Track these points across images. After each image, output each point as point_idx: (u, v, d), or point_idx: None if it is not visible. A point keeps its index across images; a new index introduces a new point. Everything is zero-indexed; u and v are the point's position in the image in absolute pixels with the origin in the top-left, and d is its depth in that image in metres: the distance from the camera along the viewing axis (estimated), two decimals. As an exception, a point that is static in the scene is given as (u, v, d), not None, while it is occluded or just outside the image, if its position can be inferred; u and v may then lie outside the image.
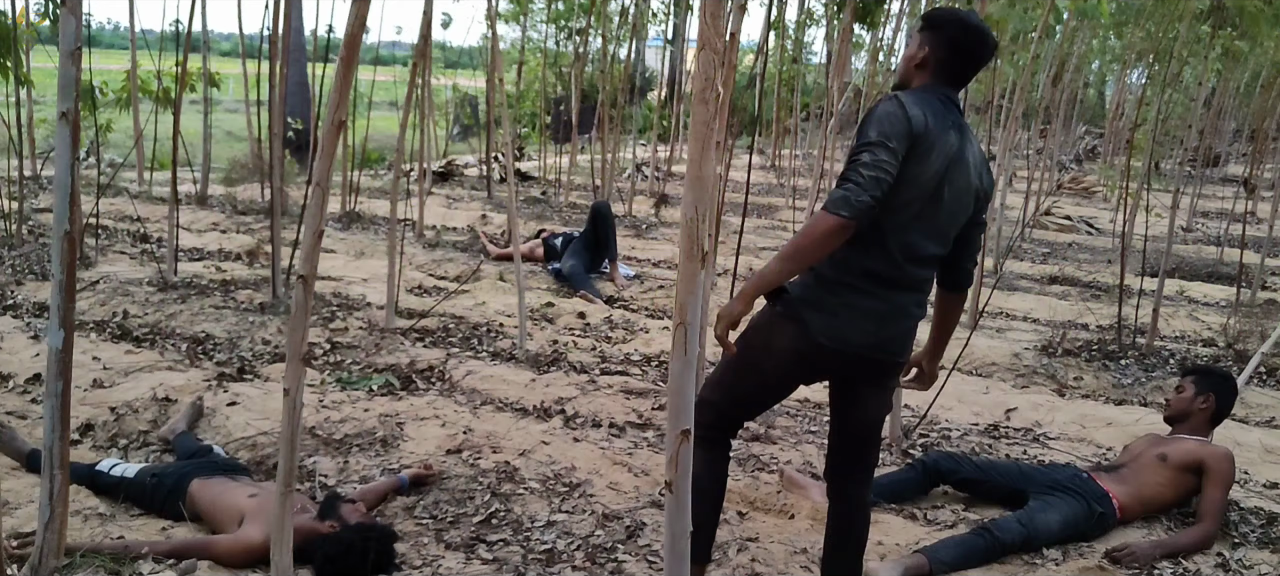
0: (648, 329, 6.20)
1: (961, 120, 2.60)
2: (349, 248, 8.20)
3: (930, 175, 2.51)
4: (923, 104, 2.52)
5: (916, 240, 2.56)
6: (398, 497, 3.80)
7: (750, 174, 5.94)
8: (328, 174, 2.02)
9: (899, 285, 2.59)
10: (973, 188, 2.61)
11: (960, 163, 2.56)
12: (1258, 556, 3.59)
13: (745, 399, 2.88)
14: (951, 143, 2.53)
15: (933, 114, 2.51)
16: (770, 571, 3.35)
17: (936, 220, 2.57)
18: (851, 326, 2.60)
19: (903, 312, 2.64)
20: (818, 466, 4.23)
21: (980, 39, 2.60)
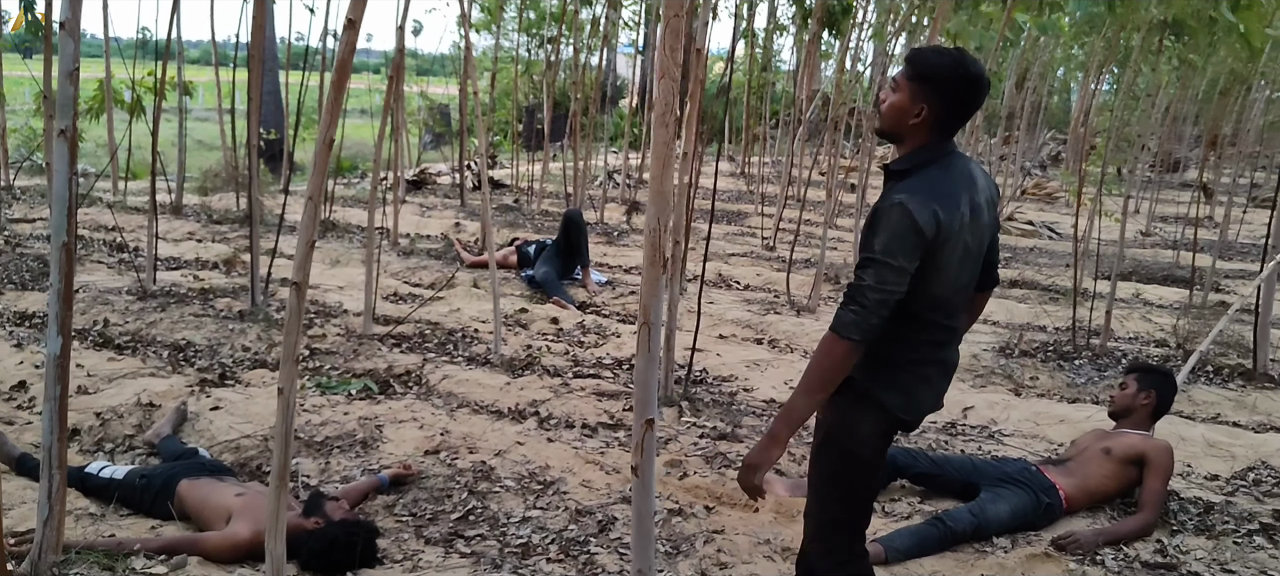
0: (619, 333, 6.37)
1: (962, 166, 2.52)
2: (324, 256, 8.32)
3: (957, 258, 2.47)
4: (930, 195, 2.40)
5: (956, 303, 2.57)
6: (378, 496, 3.95)
7: (717, 181, 6.11)
8: (320, 189, 2.17)
9: (952, 343, 2.64)
10: (990, 221, 2.58)
11: (975, 221, 2.50)
12: (1194, 542, 3.81)
13: (864, 499, 2.72)
14: (963, 214, 2.45)
15: (943, 199, 2.41)
16: (735, 561, 3.53)
17: (965, 275, 2.54)
18: (926, 397, 2.62)
19: (954, 366, 2.68)
20: (783, 464, 4.42)
21: (978, 88, 2.47)
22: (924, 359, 2.57)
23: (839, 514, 2.67)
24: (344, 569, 3.34)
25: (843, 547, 2.69)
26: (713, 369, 5.79)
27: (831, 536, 2.68)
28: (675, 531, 3.73)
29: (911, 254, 2.37)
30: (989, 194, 2.58)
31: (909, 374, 2.55)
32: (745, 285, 8.31)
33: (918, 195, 2.37)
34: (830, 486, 2.64)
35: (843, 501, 2.66)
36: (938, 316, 2.54)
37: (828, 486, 2.64)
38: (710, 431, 4.70)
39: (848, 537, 2.70)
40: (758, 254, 9.69)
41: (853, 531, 2.71)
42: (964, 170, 2.51)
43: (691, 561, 3.52)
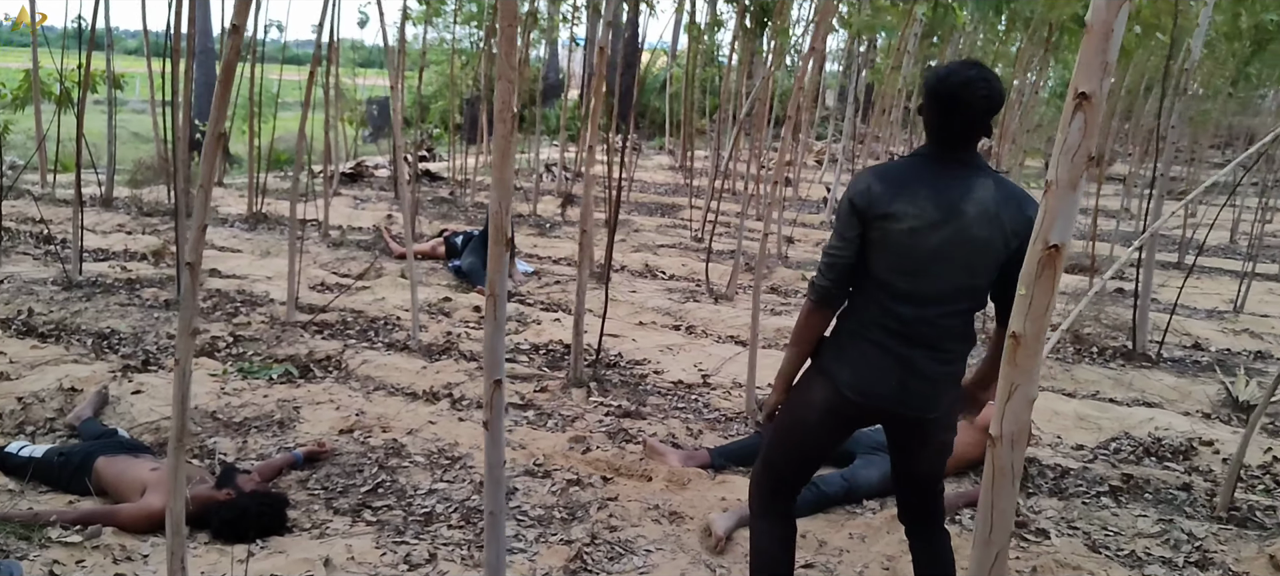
0: (540, 321, 6.62)
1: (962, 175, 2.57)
2: (255, 247, 8.45)
3: (900, 238, 2.57)
4: (879, 175, 2.60)
5: (913, 296, 2.61)
6: (293, 472, 4.16)
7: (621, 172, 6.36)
8: (210, 178, 2.39)
9: (911, 340, 2.63)
10: (983, 238, 2.56)
11: (946, 219, 2.55)
12: (1047, 503, 4.16)
13: (796, 458, 2.89)
14: (920, 203, 2.55)
15: (892, 182, 2.58)
16: (624, 525, 3.80)
17: (937, 278, 2.59)
18: (874, 379, 2.67)
19: (917, 367, 2.64)
20: (682, 439, 4.70)
21: (957, 86, 2.52)
22: (868, 335, 2.66)
23: (771, 463, 2.92)
24: (253, 537, 3.54)
25: (764, 495, 2.95)
26: (628, 353, 6.06)
27: (759, 481, 2.95)
28: (572, 499, 3.99)
29: (847, 222, 2.63)
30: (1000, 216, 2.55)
31: (853, 348, 2.69)
32: (670, 275, 8.58)
33: (867, 174, 2.64)
34: (774, 438, 2.91)
35: (777, 455, 2.91)
36: (882, 297, 2.63)
37: (772, 438, 2.92)
38: (615, 410, 4.97)
39: (770, 489, 2.93)
40: (686, 245, 9.98)
41: (775, 487, 2.93)
42: (957, 176, 2.56)
43: (585, 526, 3.78)
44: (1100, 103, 1.42)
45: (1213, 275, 10.13)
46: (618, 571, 3.47)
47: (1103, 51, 1.40)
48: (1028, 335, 1.51)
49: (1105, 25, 1.40)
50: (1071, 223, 1.48)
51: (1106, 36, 1.40)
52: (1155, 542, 3.91)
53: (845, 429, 2.86)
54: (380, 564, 3.43)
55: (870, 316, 2.67)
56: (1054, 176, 1.46)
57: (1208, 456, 4.86)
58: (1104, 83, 1.41)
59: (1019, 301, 1.52)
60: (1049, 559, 3.69)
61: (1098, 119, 1.43)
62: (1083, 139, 1.43)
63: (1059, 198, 1.46)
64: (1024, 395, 1.54)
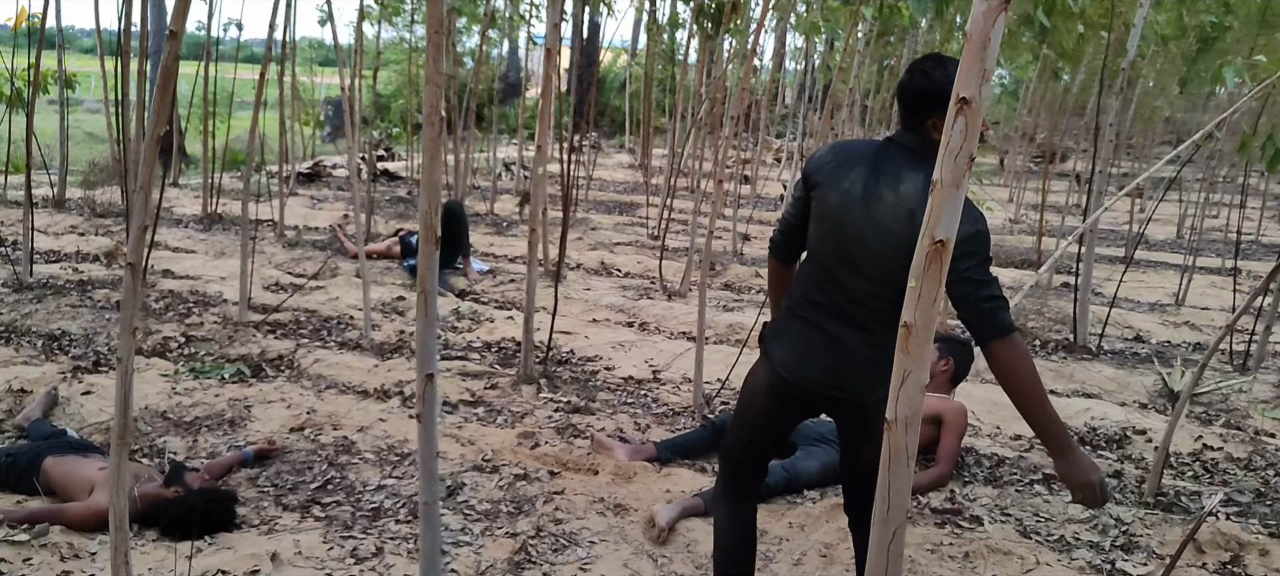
0: (493, 319, 6.67)
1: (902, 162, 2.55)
2: (209, 248, 8.44)
3: (830, 212, 2.61)
4: (843, 149, 2.66)
5: (842, 274, 2.62)
6: (242, 470, 4.19)
7: (568, 170, 6.43)
8: (150, 180, 2.44)
9: (837, 316, 2.63)
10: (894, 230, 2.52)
11: (869, 200, 2.56)
12: (982, 491, 4.29)
13: (747, 441, 2.90)
14: (852, 180, 2.58)
15: (844, 157, 2.62)
16: (570, 517, 3.88)
17: (860, 259, 2.58)
18: (804, 357, 2.68)
19: (846, 347, 2.63)
20: (630, 433, 4.79)
21: (904, 75, 2.62)
22: (802, 313, 2.70)
23: (727, 448, 2.97)
24: (201, 533, 3.58)
25: (722, 481, 2.99)
26: (579, 349, 6.13)
27: (720, 467, 3.01)
28: (519, 493, 4.06)
29: (800, 183, 2.74)
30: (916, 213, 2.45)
31: (789, 327, 2.73)
32: (626, 272, 8.67)
33: (827, 146, 2.71)
34: (730, 423, 2.96)
35: (731, 439, 2.95)
36: (816, 272, 2.68)
37: (730, 423, 2.97)
38: (565, 406, 5.04)
39: (726, 475, 2.98)
40: (643, 243, 10.07)
41: (731, 473, 2.96)
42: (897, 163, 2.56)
43: (531, 519, 3.86)
44: (980, 107, 1.52)
45: (1158, 269, 10.38)
46: (561, 563, 3.54)
47: (981, 60, 1.50)
48: (918, 325, 1.61)
49: (983, 34, 1.50)
50: (956, 218, 1.58)
51: (984, 45, 1.50)
52: (1084, 528, 4.05)
53: (790, 412, 2.83)
54: (327, 558, 3.48)
55: (805, 293, 2.71)
56: (939, 176, 1.55)
57: (1141, 445, 5.02)
58: (984, 88, 1.51)
59: (909, 293, 1.62)
60: (981, 544, 3.81)
61: (979, 122, 1.53)
62: (964, 141, 1.52)
63: (944, 196, 1.55)
64: (916, 381, 1.64)
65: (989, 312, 2.45)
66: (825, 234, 2.65)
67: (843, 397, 2.71)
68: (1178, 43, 12.57)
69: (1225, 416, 5.60)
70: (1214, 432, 5.23)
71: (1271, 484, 4.60)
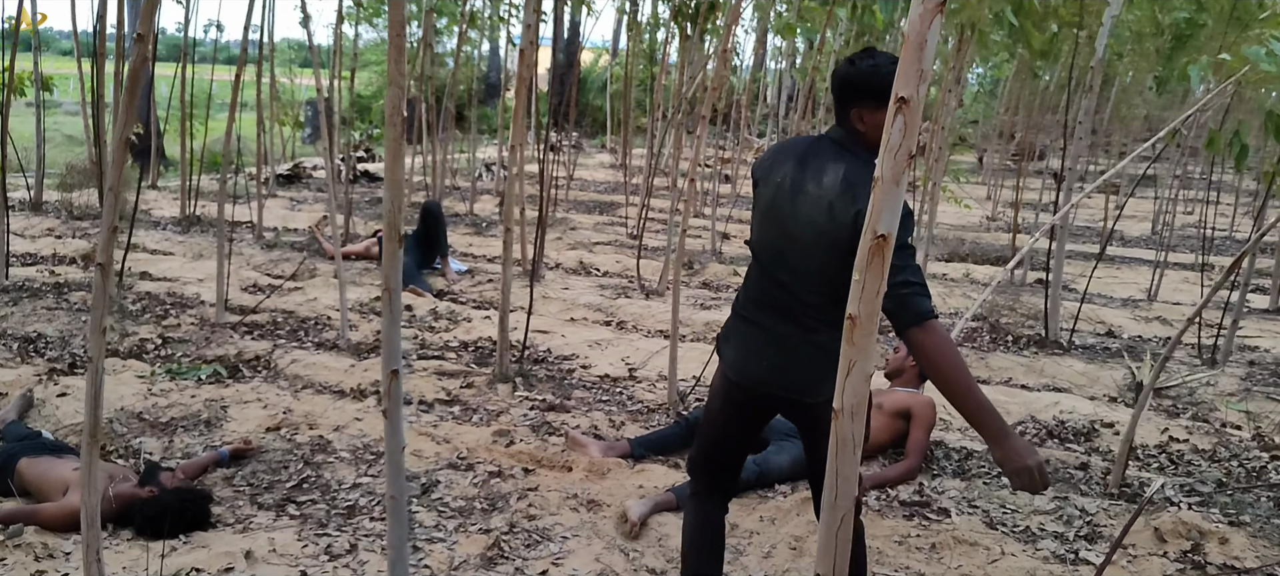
0: (471, 319, 6.71)
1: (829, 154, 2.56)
2: (187, 250, 8.44)
3: (764, 209, 2.65)
4: (782, 145, 2.71)
5: (777, 270, 2.64)
6: (218, 469, 4.22)
7: (543, 169, 6.48)
8: (119, 182, 2.47)
9: (777, 314, 2.64)
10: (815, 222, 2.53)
11: (795, 193, 2.57)
12: (950, 484, 4.36)
13: (710, 442, 2.93)
14: (783, 176, 2.61)
15: (779, 152, 2.67)
16: (543, 513, 3.92)
17: (785, 252, 2.61)
18: (748, 357, 2.70)
19: (787, 343, 2.63)
20: (604, 431, 4.83)
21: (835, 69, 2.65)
22: (744, 311, 2.73)
23: (698, 445, 3.00)
24: (176, 533, 3.61)
25: (692, 479, 3.03)
26: (557, 348, 6.18)
27: (691, 463, 3.03)
28: (493, 490, 4.11)
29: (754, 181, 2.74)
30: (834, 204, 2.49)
31: (736, 326, 2.76)
32: (604, 272, 8.72)
33: (773, 144, 2.78)
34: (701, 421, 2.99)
35: (701, 436, 2.98)
36: (756, 267, 2.71)
37: None
38: (540, 404, 5.09)
39: (695, 473, 3.00)
40: (622, 242, 10.12)
41: (699, 470, 2.98)
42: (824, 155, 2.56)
43: (504, 515, 3.90)
44: (918, 106, 1.57)
45: (1132, 265, 10.50)
46: (534, 558, 3.59)
47: (918, 60, 1.55)
48: (862, 316, 1.66)
49: (919, 36, 1.55)
50: (897, 213, 1.63)
51: (921, 46, 1.55)
52: (1049, 519, 4.12)
53: (745, 414, 2.83)
54: (301, 555, 3.52)
55: (748, 292, 2.74)
56: (880, 172, 1.61)
57: (1108, 437, 5.10)
58: (921, 88, 1.56)
59: (853, 286, 1.67)
60: (948, 536, 3.88)
61: (917, 120, 1.58)
62: (903, 139, 1.58)
63: (885, 192, 1.61)
64: (861, 371, 1.69)
65: (906, 298, 2.41)
66: (762, 231, 2.68)
67: (789, 397, 2.70)
68: (1153, 40, 12.72)
69: (1193, 409, 5.68)
70: (1180, 425, 5.32)
71: (1234, 474, 4.69)
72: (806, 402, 2.68)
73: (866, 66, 2.51)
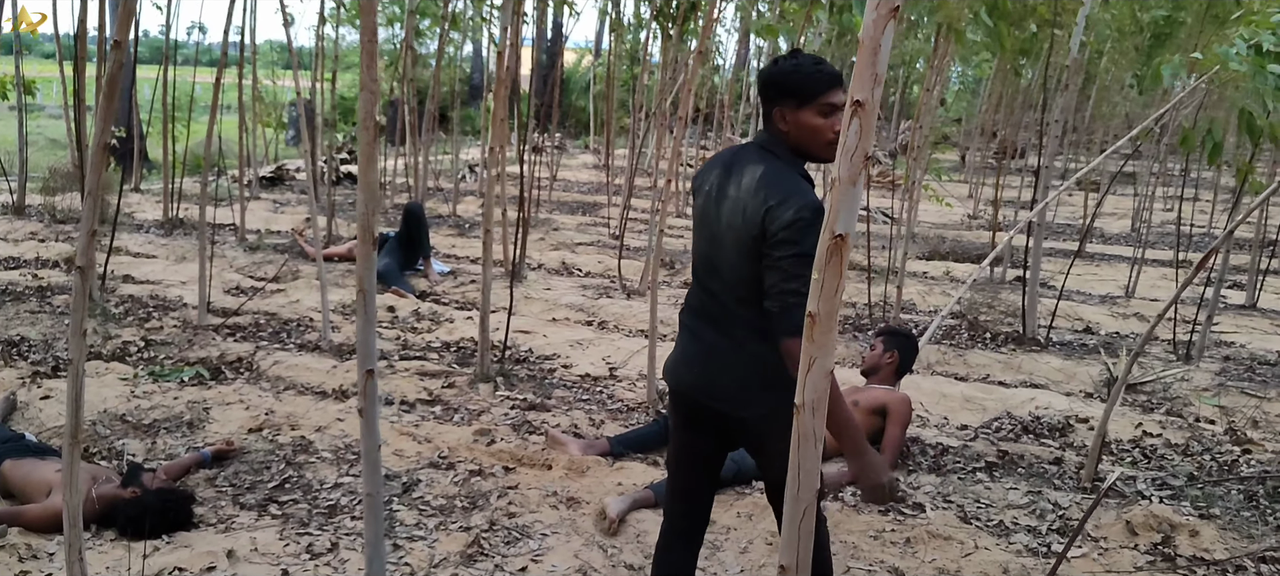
0: (453, 319, 6.75)
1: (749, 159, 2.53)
2: (170, 253, 8.45)
3: (696, 217, 2.66)
4: (717, 154, 2.70)
5: (707, 278, 2.62)
6: (201, 470, 4.24)
7: (523, 170, 6.51)
8: (97, 185, 2.50)
9: (709, 322, 2.61)
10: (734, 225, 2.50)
11: (720, 199, 2.56)
12: (926, 480, 4.42)
13: (671, 455, 2.89)
14: (711, 183, 2.60)
15: (712, 161, 2.66)
16: (523, 511, 3.96)
17: (712, 259, 2.59)
18: (681, 363, 2.69)
19: (717, 353, 2.59)
20: (584, 429, 4.88)
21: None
22: (683, 318, 2.73)
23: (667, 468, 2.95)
24: (159, 533, 3.64)
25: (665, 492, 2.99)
26: (538, 348, 6.22)
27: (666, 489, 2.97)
28: (474, 489, 4.15)
29: None
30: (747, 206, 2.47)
31: (679, 333, 2.75)
32: (586, 272, 8.76)
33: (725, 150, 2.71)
34: None
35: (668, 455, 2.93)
36: (693, 276, 2.72)
37: None
38: (521, 403, 5.13)
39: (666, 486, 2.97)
40: (604, 243, 10.16)
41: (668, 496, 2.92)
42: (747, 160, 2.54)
43: (485, 513, 3.94)
44: (874, 108, 1.62)
45: (1111, 262, 10.60)
46: (513, 555, 3.63)
47: (872, 65, 1.61)
48: (822, 314, 1.71)
49: (874, 41, 1.60)
50: (855, 214, 1.68)
51: (875, 51, 1.60)
52: (1023, 513, 4.19)
53: (695, 424, 2.72)
54: (283, 554, 3.55)
55: (687, 300, 2.74)
56: (837, 174, 1.66)
57: (1083, 432, 5.18)
58: (876, 91, 1.61)
59: (813, 285, 1.72)
60: (923, 530, 3.94)
61: (872, 123, 1.64)
62: (860, 141, 1.63)
63: (842, 192, 1.66)
64: (821, 367, 1.74)
65: (791, 308, 2.35)
66: (695, 240, 2.69)
67: (718, 408, 2.62)
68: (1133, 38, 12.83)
69: (1168, 404, 5.77)
70: (1154, 420, 5.39)
71: (1206, 468, 4.77)
72: (741, 416, 2.59)
73: (788, 66, 2.50)
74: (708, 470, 2.84)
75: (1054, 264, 9.57)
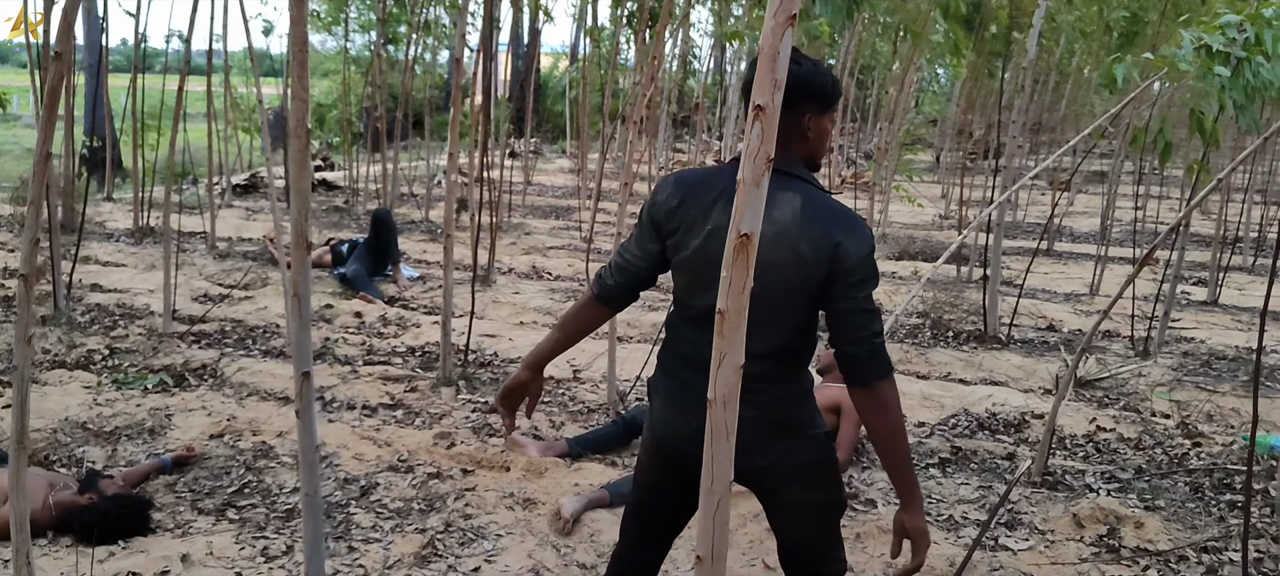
0: (420, 324, 6.78)
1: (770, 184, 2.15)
2: (140, 261, 8.45)
3: (694, 261, 2.29)
4: (688, 179, 2.35)
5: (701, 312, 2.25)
6: (161, 476, 4.27)
7: (484, 174, 6.55)
8: (40, 196, 2.54)
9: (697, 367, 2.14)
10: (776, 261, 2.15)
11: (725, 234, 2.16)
12: (880, 476, 4.49)
13: (637, 508, 2.63)
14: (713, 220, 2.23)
15: (690, 188, 2.31)
16: (479, 512, 4.01)
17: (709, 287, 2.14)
18: (673, 415, 2.38)
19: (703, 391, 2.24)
20: (544, 431, 4.93)
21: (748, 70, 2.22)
22: (671, 366, 2.41)
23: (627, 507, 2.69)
24: (116, 538, 3.67)
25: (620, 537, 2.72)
26: (504, 352, 6.26)
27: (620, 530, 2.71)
28: (431, 491, 4.19)
29: (645, 224, 2.40)
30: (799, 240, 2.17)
31: (663, 380, 2.43)
32: (556, 275, 8.81)
33: (669, 179, 2.38)
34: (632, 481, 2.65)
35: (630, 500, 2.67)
36: (681, 320, 2.39)
37: None
38: (482, 406, 5.17)
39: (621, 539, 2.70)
40: (576, 246, 10.21)
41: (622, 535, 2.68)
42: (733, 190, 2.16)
43: (441, 515, 3.99)
44: (774, 112, 1.68)
45: (1079, 260, 10.71)
46: (467, 556, 3.67)
47: (772, 71, 1.66)
48: (731, 310, 1.76)
49: (772, 48, 1.66)
50: (759, 214, 1.74)
51: (774, 57, 1.66)
52: (972, 507, 4.26)
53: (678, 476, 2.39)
54: (238, 558, 3.59)
55: (674, 343, 2.43)
56: (742, 176, 1.72)
57: (1038, 428, 5.25)
58: (775, 96, 1.67)
59: (722, 282, 1.77)
60: (873, 525, 4.00)
61: (774, 127, 1.69)
62: (761, 144, 1.69)
63: (746, 193, 1.71)
64: (732, 362, 1.79)
65: (880, 349, 2.23)
66: (688, 276, 2.33)
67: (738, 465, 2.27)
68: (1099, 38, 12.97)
69: (1124, 400, 5.86)
70: (1108, 415, 5.48)
71: (1157, 461, 4.85)
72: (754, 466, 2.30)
73: (812, 69, 2.25)
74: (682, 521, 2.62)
75: (1021, 262, 9.67)
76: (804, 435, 2.38)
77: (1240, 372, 6.39)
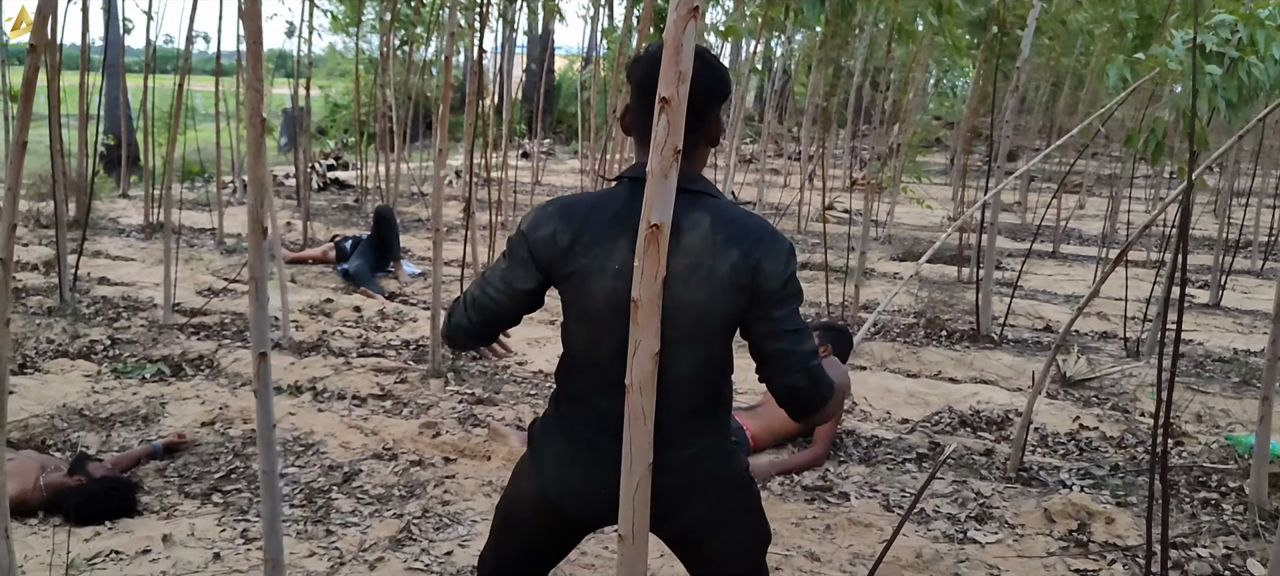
0: (417, 319, 6.89)
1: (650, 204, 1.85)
2: (149, 256, 8.61)
3: (599, 300, 1.98)
4: (577, 209, 2.02)
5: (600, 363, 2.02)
6: (152, 461, 4.40)
7: (484, 173, 6.64)
8: (17, 184, 2.65)
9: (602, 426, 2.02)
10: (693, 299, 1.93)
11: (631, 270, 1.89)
12: (855, 470, 4.55)
13: (501, 550, 2.31)
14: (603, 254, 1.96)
15: (587, 221, 1.99)
16: (457, 499, 4.11)
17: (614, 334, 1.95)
18: (577, 479, 2.09)
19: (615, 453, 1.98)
20: (527, 421, 5.02)
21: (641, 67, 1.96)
22: (572, 431, 2.10)
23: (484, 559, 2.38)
24: (103, 519, 3.80)
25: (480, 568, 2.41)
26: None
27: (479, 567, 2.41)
28: (413, 478, 4.29)
29: (515, 254, 2.07)
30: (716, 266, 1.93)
31: (560, 444, 2.12)
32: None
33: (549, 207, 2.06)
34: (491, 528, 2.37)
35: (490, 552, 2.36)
36: (574, 370, 2.10)
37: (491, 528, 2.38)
38: (469, 397, 5.27)
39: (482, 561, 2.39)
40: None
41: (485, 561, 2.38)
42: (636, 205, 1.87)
43: (420, 501, 4.09)
44: (680, 105, 1.76)
45: (1084, 262, 10.70)
46: (441, 540, 3.77)
47: (676, 63, 1.75)
48: (644, 299, 1.84)
49: (676, 39, 1.74)
50: (669, 205, 1.81)
51: (677, 49, 1.74)
52: (945, 502, 4.31)
53: (571, 535, 2.26)
54: (218, 539, 3.70)
55: (581, 411, 2.09)
56: (651, 167, 1.80)
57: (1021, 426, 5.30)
58: (681, 89, 1.75)
59: (635, 271, 1.85)
60: (844, 518, 4.07)
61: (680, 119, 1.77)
62: (668, 136, 1.77)
63: (655, 185, 1.80)
64: (647, 349, 1.87)
65: (817, 370, 2.00)
66: (597, 338, 2.02)
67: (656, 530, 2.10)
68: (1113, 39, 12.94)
69: (1113, 399, 5.88)
70: (1093, 414, 5.51)
71: (1137, 459, 4.89)
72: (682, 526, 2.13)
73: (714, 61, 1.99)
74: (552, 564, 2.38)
75: (1027, 264, 9.68)
76: (731, 486, 2.16)
77: (1232, 374, 6.41)
